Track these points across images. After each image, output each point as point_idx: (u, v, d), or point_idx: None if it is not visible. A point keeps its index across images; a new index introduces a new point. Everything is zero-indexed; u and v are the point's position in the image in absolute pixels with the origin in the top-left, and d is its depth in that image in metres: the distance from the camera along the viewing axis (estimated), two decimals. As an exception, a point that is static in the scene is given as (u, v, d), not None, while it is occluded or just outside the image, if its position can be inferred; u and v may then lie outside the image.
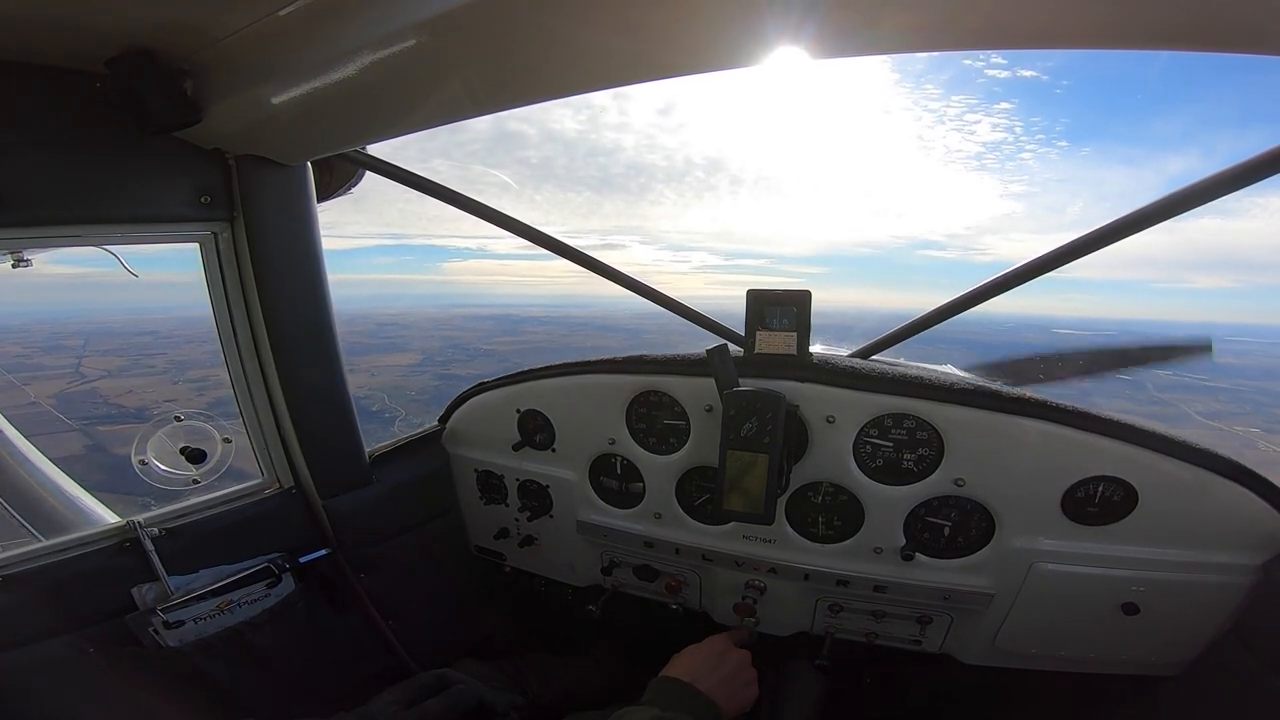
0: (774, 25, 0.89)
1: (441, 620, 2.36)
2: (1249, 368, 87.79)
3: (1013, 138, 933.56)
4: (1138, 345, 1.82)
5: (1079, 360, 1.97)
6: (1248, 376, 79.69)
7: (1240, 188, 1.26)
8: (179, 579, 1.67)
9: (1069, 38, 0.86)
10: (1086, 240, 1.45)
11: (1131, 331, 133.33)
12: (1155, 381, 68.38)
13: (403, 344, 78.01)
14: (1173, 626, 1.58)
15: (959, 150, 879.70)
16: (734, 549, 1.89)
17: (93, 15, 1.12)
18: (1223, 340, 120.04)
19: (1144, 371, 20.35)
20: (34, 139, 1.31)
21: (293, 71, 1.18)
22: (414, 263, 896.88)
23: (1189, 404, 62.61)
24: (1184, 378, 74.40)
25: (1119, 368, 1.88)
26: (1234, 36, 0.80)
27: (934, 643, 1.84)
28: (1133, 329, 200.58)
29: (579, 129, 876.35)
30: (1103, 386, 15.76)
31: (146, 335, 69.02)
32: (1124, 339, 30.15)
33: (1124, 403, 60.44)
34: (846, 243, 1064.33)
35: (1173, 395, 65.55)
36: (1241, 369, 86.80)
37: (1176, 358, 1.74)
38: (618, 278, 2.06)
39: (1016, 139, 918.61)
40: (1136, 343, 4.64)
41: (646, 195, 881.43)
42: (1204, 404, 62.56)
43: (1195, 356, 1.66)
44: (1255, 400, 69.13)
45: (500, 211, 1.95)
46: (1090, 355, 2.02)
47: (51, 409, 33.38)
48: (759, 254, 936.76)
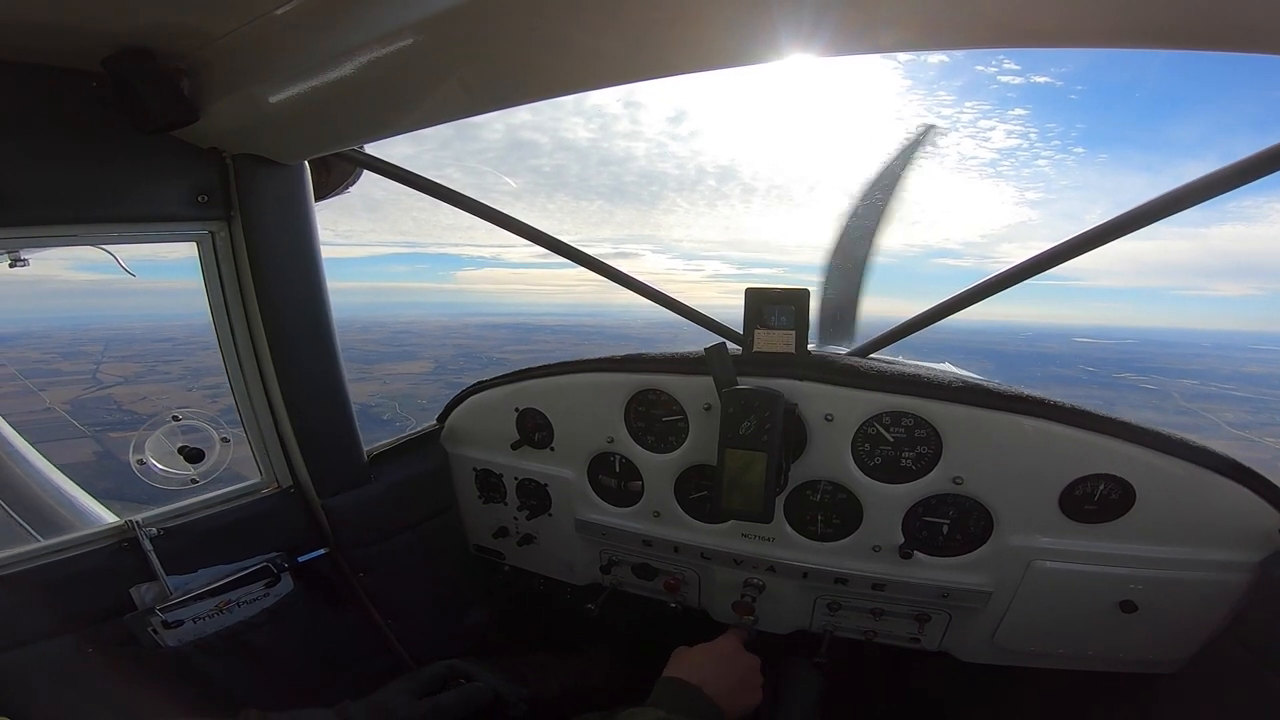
0: (783, 21, 0.88)
1: (440, 619, 2.36)
2: (1274, 376, 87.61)
3: (1028, 144, 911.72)
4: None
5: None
6: (1272, 386, 79.54)
7: (1244, 184, 1.24)
8: (178, 579, 1.67)
9: (1079, 36, 0.85)
10: (1089, 236, 1.44)
11: (1152, 340, 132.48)
12: (1181, 391, 68.29)
13: (415, 352, 78.12)
14: (1170, 624, 1.58)
15: (973, 157, 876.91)
16: (733, 547, 1.89)
17: (89, 15, 1.11)
18: (1247, 349, 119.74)
19: (1170, 381, 19.93)
20: (30, 138, 1.31)
21: (290, 70, 1.17)
22: (428, 271, 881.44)
23: (1218, 413, 62.38)
24: (1210, 386, 74.17)
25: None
26: (1249, 36, 0.79)
27: (932, 640, 1.85)
28: (1153, 337, 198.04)
29: (591, 137, 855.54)
30: (1126, 397, 15.71)
31: (166, 341, 69.16)
32: (1143, 348, 29.61)
33: (1150, 413, 60.69)
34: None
35: (1200, 405, 65.29)
36: (1266, 378, 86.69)
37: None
38: (627, 281, 2.05)
39: (1031, 145, 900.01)
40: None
41: (659, 204, 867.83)
42: (1234, 413, 62.34)
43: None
44: (1286, 410, 68.69)
45: (505, 214, 1.94)
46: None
47: (66, 415, 33.37)
48: (772, 262, 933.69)
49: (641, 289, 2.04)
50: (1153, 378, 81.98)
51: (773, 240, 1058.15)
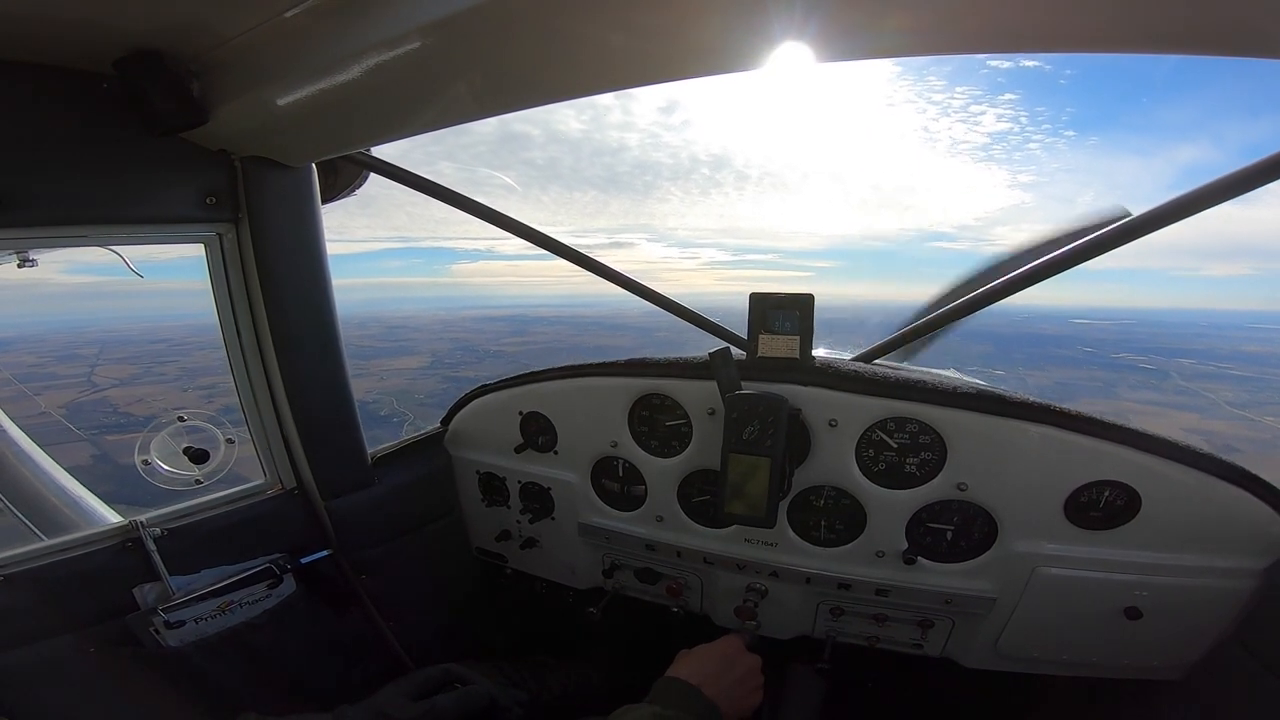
0: (778, 28, 0.89)
1: (442, 622, 2.36)
2: (1274, 355, 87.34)
3: (1019, 128, 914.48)
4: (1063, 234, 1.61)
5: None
6: (1272, 364, 79.17)
7: (1258, 186, 1.25)
8: (180, 579, 1.67)
9: (1074, 41, 0.86)
10: (1102, 239, 1.45)
11: (1149, 321, 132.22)
12: (1180, 370, 67.80)
13: (411, 347, 78.10)
14: (1175, 631, 1.58)
15: (965, 141, 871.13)
16: (735, 552, 1.89)
17: (101, 16, 1.12)
18: (1244, 328, 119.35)
19: (1168, 360, 19.86)
20: (41, 139, 1.32)
21: (299, 73, 1.18)
22: (423, 265, 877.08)
23: (1217, 392, 61.77)
24: (1208, 366, 73.72)
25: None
26: (1240, 40, 0.80)
27: (935, 647, 1.84)
28: (1150, 318, 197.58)
29: (583, 129, 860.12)
30: (1125, 377, 15.67)
31: (161, 343, 69.15)
32: (1141, 329, 29.25)
33: (1149, 393, 59.84)
34: (855, 236, 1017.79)
35: (1199, 384, 64.77)
36: (1265, 357, 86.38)
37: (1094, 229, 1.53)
38: (620, 280, 2.06)
39: (1023, 129, 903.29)
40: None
41: (653, 193, 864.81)
42: (1233, 393, 61.79)
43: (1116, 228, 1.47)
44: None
45: (503, 214, 1.96)
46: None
47: (62, 419, 33.37)
48: (767, 249, 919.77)
49: (633, 286, 2.05)
50: (1151, 357, 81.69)
51: (767, 227, 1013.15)
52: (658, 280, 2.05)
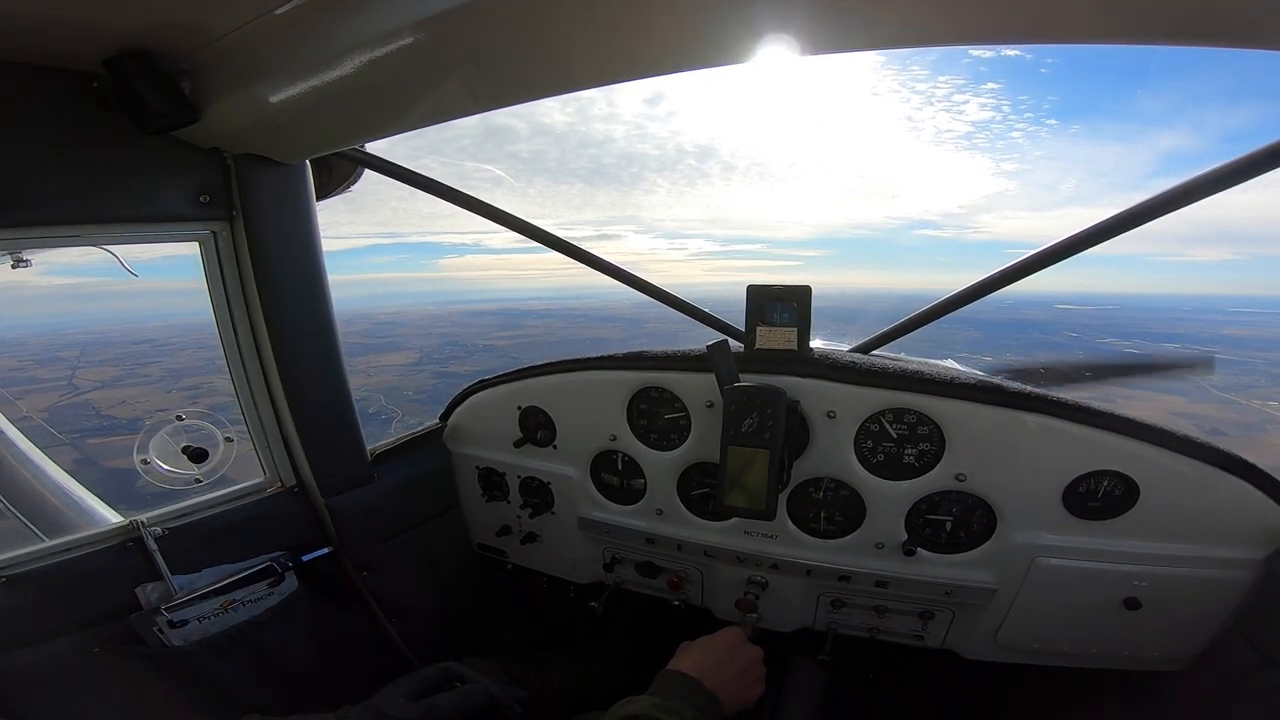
0: (765, 22, 0.90)
1: (443, 618, 2.37)
2: (1256, 339, 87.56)
3: (1001, 116, 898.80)
4: (1142, 361, 1.88)
5: (1085, 371, 1.99)
6: (1255, 348, 79.41)
7: (1245, 180, 1.25)
8: (182, 578, 1.68)
9: (1057, 33, 0.86)
10: (1091, 232, 1.45)
11: (1133, 306, 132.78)
12: (1164, 354, 67.77)
13: (400, 343, 77.78)
14: (1175, 621, 1.58)
15: (949, 130, 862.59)
16: (736, 545, 1.89)
17: (90, 15, 1.11)
18: (1227, 313, 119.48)
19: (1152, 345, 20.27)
20: (32, 139, 1.31)
21: (290, 70, 1.17)
22: (410, 260, 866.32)
23: (1202, 376, 61.88)
24: (1192, 350, 73.67)
25: (1124, 378, 1.90)
26: (1232, 31, 0.79)
27: (936, 638, 1.85)
28: (1134, 303, 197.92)
29: (568, 121, 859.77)
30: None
31: (144, 343, 68.69)
32: (1124, 314, 29.14)
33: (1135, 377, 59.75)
34: (842, 225, 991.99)
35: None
36: (1249, 340, 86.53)
37: (1178, 371, 1.75)
38: (611, 270, 2.05)
39: (1005, 118, 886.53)
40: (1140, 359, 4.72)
41: (640, 184, 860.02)
42: (1217, 375, 61.93)
43: (1198, 371, 1.68)
44: (1269, 373, 68.65)
45: (496, 207, 1.95)
46: (1095, 368, 2.05)
47: (43, 423, 33.18)
48: (755, 239, 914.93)
49: (624, 276, 2.04)
50: (1135, 342, 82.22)
51: (755, 217, 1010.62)
52: (646, 272, 2.04)
